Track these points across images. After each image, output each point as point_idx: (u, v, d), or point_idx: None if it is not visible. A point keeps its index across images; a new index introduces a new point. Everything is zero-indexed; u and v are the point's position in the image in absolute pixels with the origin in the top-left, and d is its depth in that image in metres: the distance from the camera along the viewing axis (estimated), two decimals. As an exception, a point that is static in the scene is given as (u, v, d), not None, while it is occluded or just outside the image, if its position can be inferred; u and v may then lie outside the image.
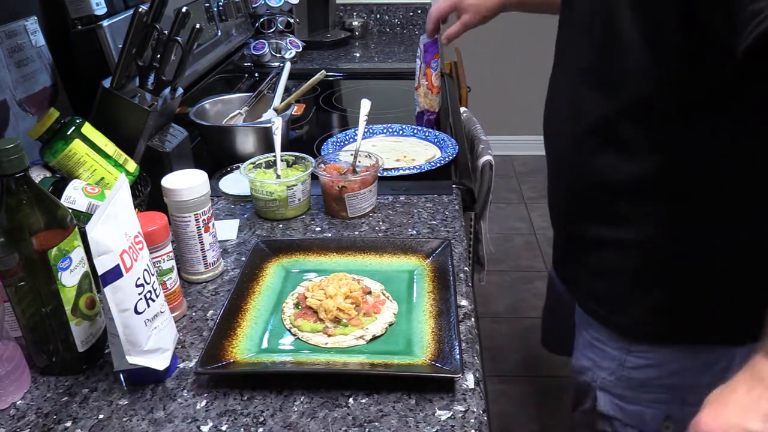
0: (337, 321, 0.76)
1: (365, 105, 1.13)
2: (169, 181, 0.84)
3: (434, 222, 1.02)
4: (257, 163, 1.08)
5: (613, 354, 0.90)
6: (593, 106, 0.81)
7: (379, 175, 1.06)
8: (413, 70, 1.98)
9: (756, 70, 0.66)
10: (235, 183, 1.15)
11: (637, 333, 0.88)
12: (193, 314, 0.82)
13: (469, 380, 0.69)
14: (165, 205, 0.85)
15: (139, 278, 0.65)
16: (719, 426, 0.66)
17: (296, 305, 0.80)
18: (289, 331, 0.77)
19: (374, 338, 0.75)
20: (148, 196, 0.96)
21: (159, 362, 0.67)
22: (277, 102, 1.35)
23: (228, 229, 1.01)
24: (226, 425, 0.65)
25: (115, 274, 0.62)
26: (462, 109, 1.66)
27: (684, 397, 0.86)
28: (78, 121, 0.87)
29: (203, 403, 0.67)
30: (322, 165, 1.06)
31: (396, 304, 0.80)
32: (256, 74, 1.86)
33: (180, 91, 1.10)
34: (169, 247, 0.79)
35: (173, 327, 0.72)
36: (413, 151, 1.27)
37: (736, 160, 0.74)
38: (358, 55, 2.14)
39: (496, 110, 3.23)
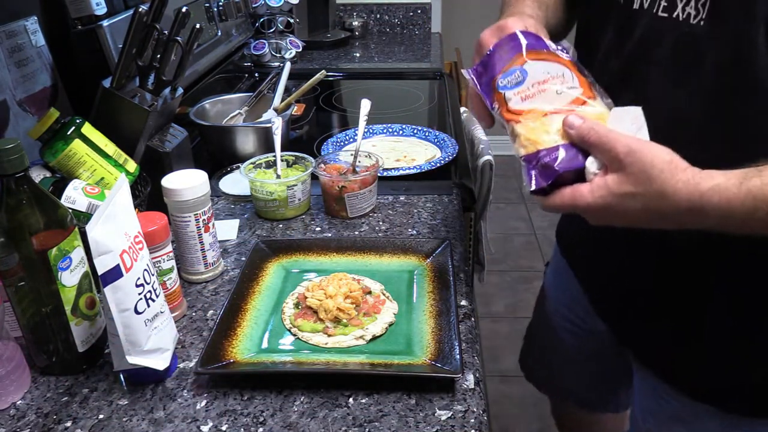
0: (337, 321, 0.76)
1: (365, 105, 1.13)
2: (169, 181, 0.84)
3: (434, 222, 1.02)
4: (257, 163, 1.08)
5: (715, 430, 0.80)
6: (698, 161, 0.61)
7: (379, 175, 1.06)
8: (413, 69, 2.00)
9: None
10: (235, 183, 1.15)
11: (754, 409, 0.77)
12: (193, 314, 0.82)
13: (469, 380, 0.69)
14: (165, 205, 0.85)
15: (139, 278, 0.65)
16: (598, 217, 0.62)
17: (296, 305, 0.80)
18: (289, 331, 0.77)
19: (374, 338, 0.75)
20: (148, 196, 0.96)
21: (159, 362, 0.67)
22: (277, 102, 1.35)
23: (228, 229, 1.01)
24: (226, 425, 0.65)
25: (115, 274, 0.62)
26: (462, 109, 1.66)
27: None
28: (78, 121, 0.87)
29: (203, 403, 0.67)
30: (322, 165, 1.06)
31: (396, 304, 0.80)
32: (256, 74, 1.86)
33: (180, 91, 1.10)
34: (169, 247, 0.79)
35: (173, 327, 0.72)
36: (413, 151, 1.27)
37: None
38: (358, 55, 2.14)
39: (496, 110, 3.23)
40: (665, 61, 0.68)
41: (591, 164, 0.61)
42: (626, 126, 0.62)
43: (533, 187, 0.63)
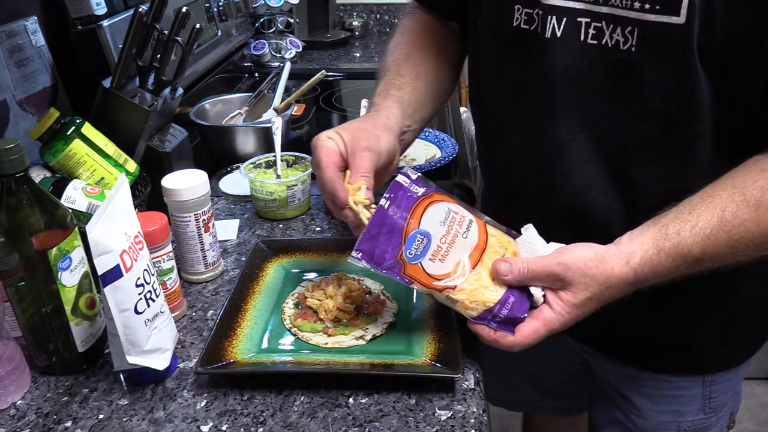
0: (337, 321, 0.76)
1: (365, 105, 1.13)
2: (169, 181, 0.84)
3: (434, 222, 1.01)
4: (257, 163, 1.08)
5: (696, 392, 0.88)
6: (655, 179, 0.71)
7: (379, 175, 1.06)
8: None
9: None
10: (235, 183, 1.15)
11: (723, 362, 0.87)
12: (193, 314, 0.82)
13: (469, 380, 0.69)
14: (165, 205, 0.85)
15: (139, 278, 0.65)
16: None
17: (296, 305, 0.80)
18: (289, 331, 0.77)
19: (374, 338, 0.75)
20: (148, 196, 0.96)
21: (159, 362, 0.67)
22: (277, 102, 1.35)
23: (228, 229, 1.01)
24: (226, 425, 0.65)
25: (115, 274, 0.62)
26: (462, 109, 1.66)
27: (737, 389, 0.92)
28: (78, 121, 0.87)
29: (203, 403, 0.67)
30: (322, 165, 1.06)
31: (396, 304, 0.80)
32: (256, 74, 1.86)
33: (180, 91, 1.10)
34: (169, 247, 0.79)
35: (173, 327, 0.72)
36: (413, 151, 1.27)
37: None
38: (358, 55, 2.14)
39: (496, 110, 3.22)
40: (601, 84, 0.69)
41: (536, 292, 0.66)
42: (535, 246, 0.68)
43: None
